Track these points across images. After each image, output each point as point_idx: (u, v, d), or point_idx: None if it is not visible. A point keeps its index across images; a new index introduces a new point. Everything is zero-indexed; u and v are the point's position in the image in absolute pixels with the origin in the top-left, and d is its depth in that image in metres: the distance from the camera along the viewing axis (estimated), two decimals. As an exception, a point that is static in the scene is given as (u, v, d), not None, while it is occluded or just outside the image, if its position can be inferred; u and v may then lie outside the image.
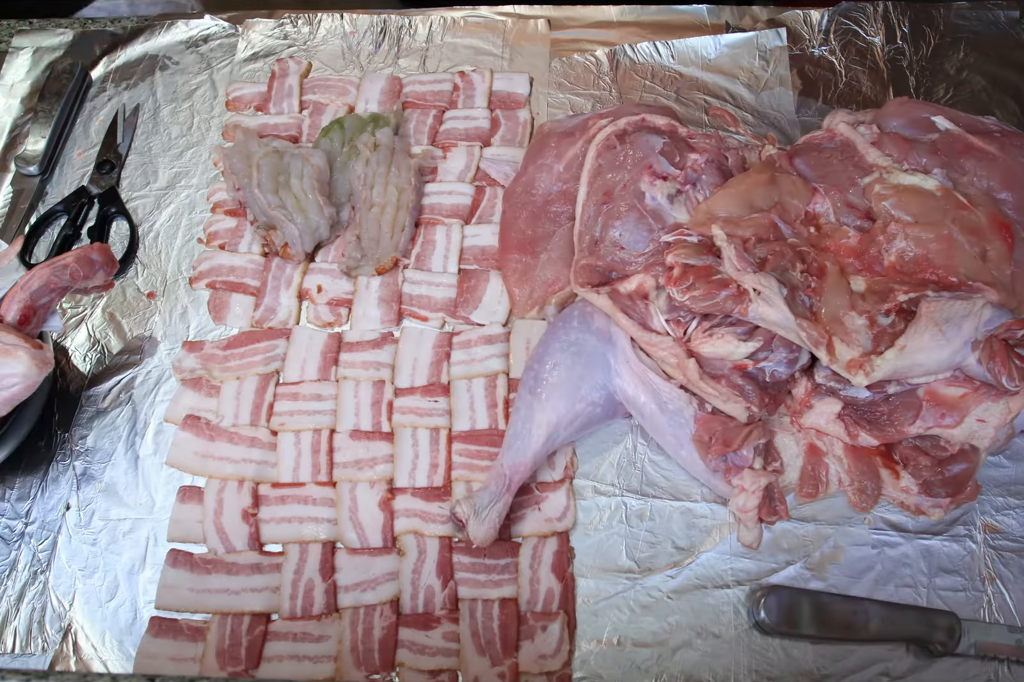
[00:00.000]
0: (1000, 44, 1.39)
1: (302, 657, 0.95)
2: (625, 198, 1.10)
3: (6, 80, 1.41)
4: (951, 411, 0.99)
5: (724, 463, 1.01)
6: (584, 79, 1.38)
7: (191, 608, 0.98)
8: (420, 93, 1.36)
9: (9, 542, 1.04)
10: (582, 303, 1.10)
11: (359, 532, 1.02)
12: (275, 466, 1.06)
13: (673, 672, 0.94)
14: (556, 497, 1.03)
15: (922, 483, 1.00)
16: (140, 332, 1.18)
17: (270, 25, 1.45)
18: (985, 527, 1.01)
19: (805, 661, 0.94)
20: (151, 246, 1.25)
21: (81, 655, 0.96)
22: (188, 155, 1.33)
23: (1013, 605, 0.97)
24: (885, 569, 0.99)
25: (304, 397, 1.10)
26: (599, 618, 0.97)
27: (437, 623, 0.97)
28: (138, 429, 1.10)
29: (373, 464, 1.06)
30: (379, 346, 1.14)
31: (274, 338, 1.15)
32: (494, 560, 1.00)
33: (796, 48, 1.38)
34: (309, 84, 1.38)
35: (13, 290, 1.00)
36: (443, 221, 1.23)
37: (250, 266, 1.21)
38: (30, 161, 1.30)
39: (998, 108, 1.32)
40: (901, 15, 1.41)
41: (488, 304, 1.17)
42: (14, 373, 0.94)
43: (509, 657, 0.94)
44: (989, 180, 1.09)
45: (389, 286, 1.18)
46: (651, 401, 1.03)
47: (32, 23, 1.48)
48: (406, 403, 1.10)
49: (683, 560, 1.00)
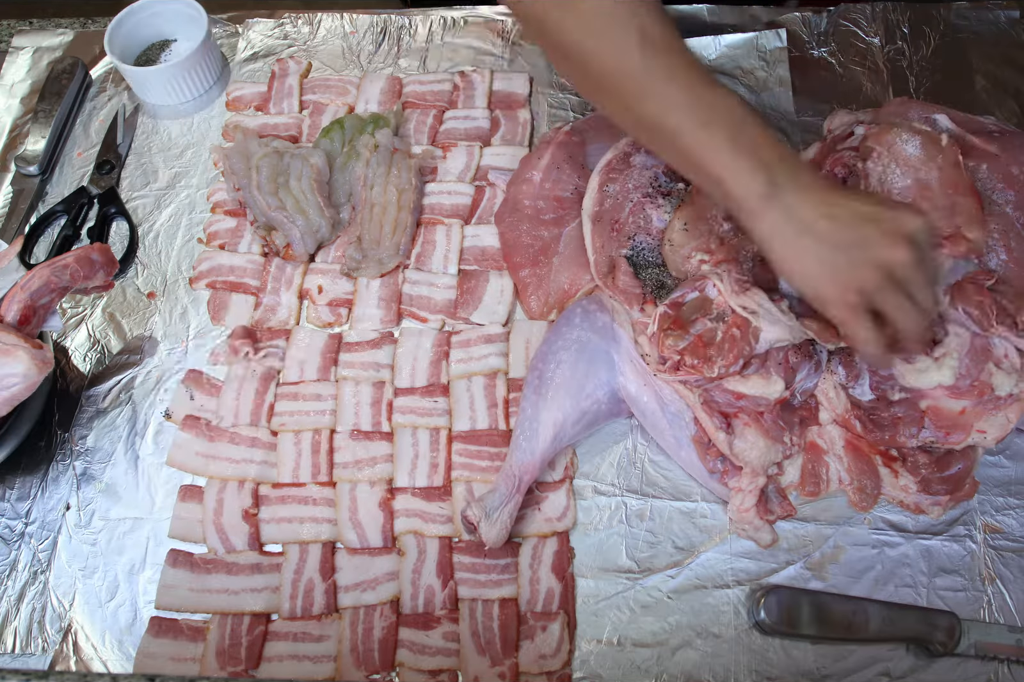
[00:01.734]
0: (1000, 44, 1.38)
1: (302, 657, 0.95)
2: (633, 222, 1.09)
3: (6, 80, 1.41)
4: (954, 430, 0.99)
5: (723, 464, 1.01)
6: (584, 79, 1.38)
7: (191, 608, 0.98)
8: (420, 93, 1.36)
9: (9, 542, 1.04)
10: (585, 301, 1.10)
11: (359, 532, 1.02)
12: (275, 466, 1.06)
13: (673, 672, 0.94)
14: (556, 497, 1.03)
15: (921, 481, 1.00)
16: (140, 332, 1.18)
17: (270, 25, 1.45)
18: (985, 527, 1.01)
19: (805, 661, 0.94)
20: (151, 246, 1.25)
21: (81, 655, 0.96)
22: (188, 155, 1.33)
23: (1013, 605, 0.96)
24: (885, 569, 0.99)
25: (304, 397, 1.10)
26: (599, 618, 0.97)
27: (437, 623, 0.97)
28: (138, 429, 1.10)
29: (373, 464, 1.06)
30: (379, 346, 1.14)
31: (274, 338, 1.15)
32: (494, 560, 1.00)
33: (796, 49, 1.38)
34: (309, 84, 1.38)
35: (13, 290, 1.00)
36: (443, 221, 1.23)
37: (250, 266, 1.21)
38: (30, 161, 1.30)
39: (998, 108, 1.32)
40: (901, 15, 1.41)
41: (488, 305, 1.16)
42: (14, 373, 0.94)
43: (509, 657, 0.94)
44: (989, 180, 1.09)
45: (389, 286, 1.18)
46: (653, 401, 1.03)
47: (32, 23, 1.47)
48: (406, 403, 1.10)
49: (683, 560, 1.00)
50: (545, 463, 1.01)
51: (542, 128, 1.33)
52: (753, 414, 1.00)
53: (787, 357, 1.00)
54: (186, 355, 1.15)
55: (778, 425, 1.00)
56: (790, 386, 1.00)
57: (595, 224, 1.11)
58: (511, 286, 1.18)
